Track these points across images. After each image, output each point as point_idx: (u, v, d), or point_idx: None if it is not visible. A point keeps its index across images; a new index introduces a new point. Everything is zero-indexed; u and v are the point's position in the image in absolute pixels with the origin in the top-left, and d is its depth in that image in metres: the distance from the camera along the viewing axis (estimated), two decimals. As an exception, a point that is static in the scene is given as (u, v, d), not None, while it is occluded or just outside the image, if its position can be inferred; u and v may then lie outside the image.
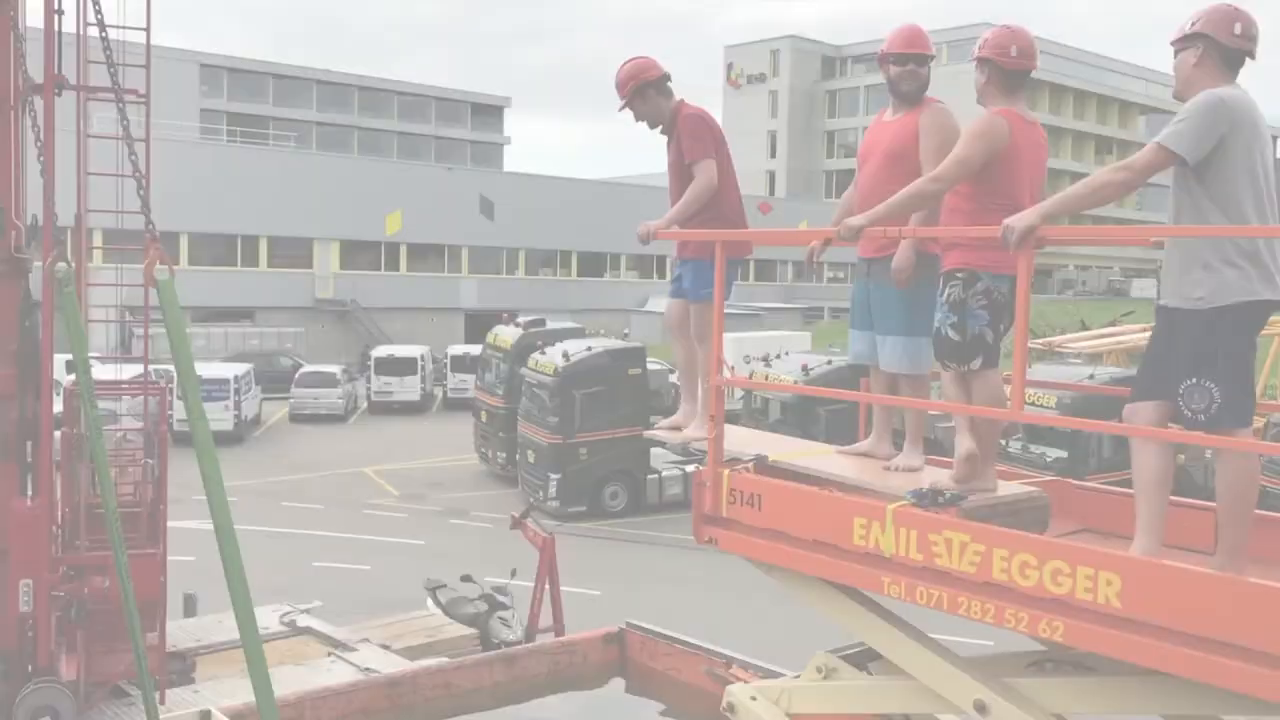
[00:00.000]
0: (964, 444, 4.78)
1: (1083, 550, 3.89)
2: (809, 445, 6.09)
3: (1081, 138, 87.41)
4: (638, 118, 5.87)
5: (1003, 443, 21.29)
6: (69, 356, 13.50)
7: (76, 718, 8.92)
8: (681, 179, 5.74)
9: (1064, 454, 20.62)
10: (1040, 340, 27.07)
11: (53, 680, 8.86)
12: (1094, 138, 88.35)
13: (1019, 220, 4.00)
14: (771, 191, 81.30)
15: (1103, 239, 15.02)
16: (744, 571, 5.23)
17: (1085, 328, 39.22)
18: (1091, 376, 20.60)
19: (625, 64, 5.89)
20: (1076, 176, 77.02)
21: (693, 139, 5.69)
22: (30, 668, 8.95)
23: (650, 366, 27.66)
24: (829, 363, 23.06)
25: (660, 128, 5.89)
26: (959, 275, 4.71)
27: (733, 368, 21.70)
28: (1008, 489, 4.69)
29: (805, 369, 22.79)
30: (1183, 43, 4.06)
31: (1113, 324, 38.37)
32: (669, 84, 5.87)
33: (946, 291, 4.73)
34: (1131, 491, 4.16)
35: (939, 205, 4.84)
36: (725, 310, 5.12)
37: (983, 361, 4.70)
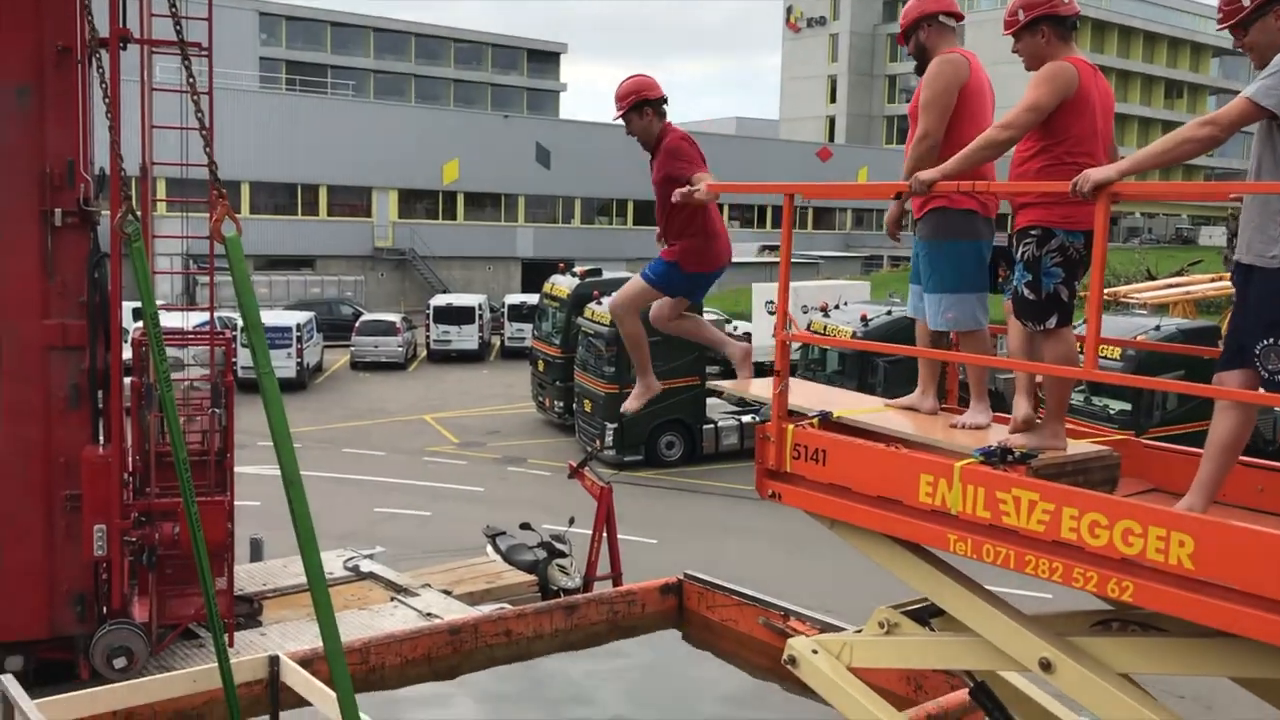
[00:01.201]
0: (1021, 408, 4.73)
1: (1155, 511, 3.82)
2: (868, 400, 6.03)
3: (1151, 81, 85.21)
4: (629, 131, 6.19)
5: (1065, 395, 21.11)
6: (136, 304, 13.72)
7: (148, 658, 9.19)
8: (663, 198, 6.00)
9: (1127, 407, 20.29)
10: (1105, 291, 26.59)
11: (126, 622, 9.14)
12: (1163, 81, 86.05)
13: (1096, 174, 3.91)
14: (830, 138, 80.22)
15: (1179, 194, 14.59)
16: (799, 525, 5.22)
17: (1151, 277, 38.47)
18: (1158, 328, 20.21)
19: (629, 79, 6.23)
20: (1145, 121, 75.32)
21: (683, 161, 5.98)
22: (105, 610, 9.23)
23: (707, 316, 27.58)
24: (888, 313, 22.80)
25: (647, 146, 6.22)
26: (1033, 233, 4.62)
27: (793, 320, 21.50)
28: (1077, 448, 4.62)
29: (864, 319, 22.58)
30: None
31: (1180, 273, 37.59)
32: (665, 108, 6.22)
33: (1021, 250, 4.66)
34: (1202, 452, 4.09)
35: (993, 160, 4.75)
36: (779, 261, 5.09)
37: (1058, 319, 4.62)
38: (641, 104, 6.13)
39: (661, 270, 6.25)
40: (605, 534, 12.90)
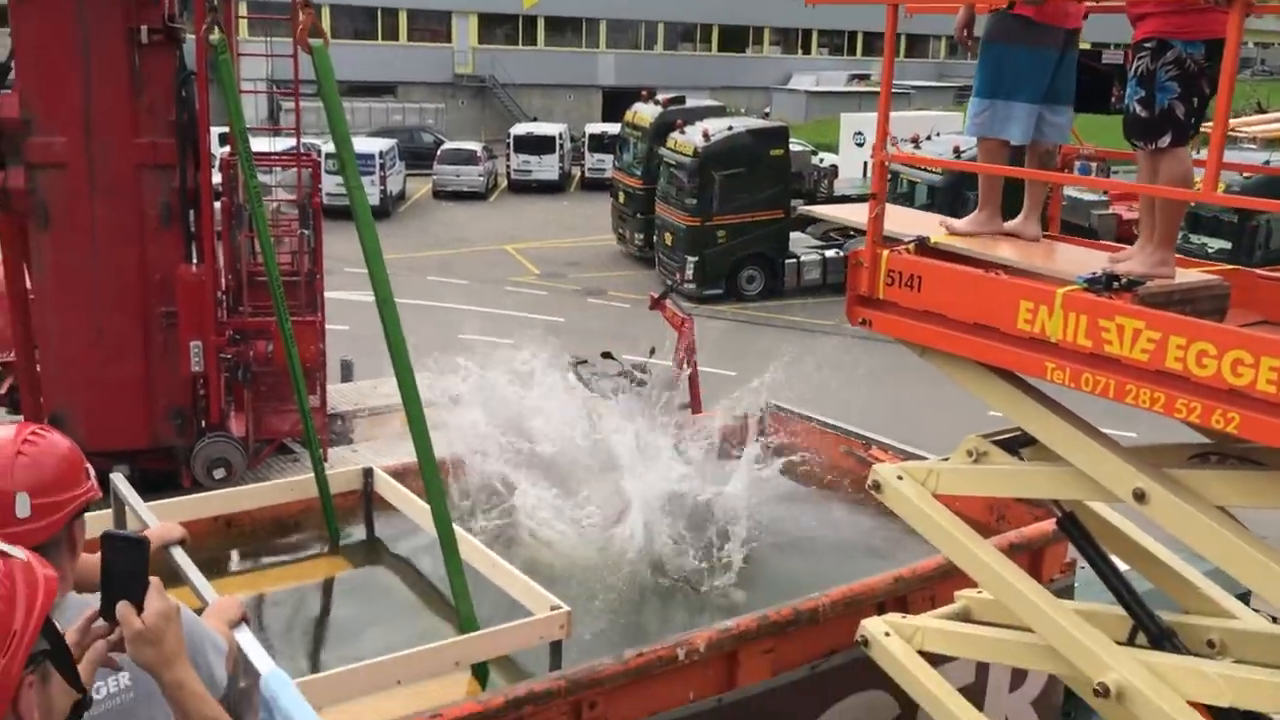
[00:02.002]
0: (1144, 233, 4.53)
1: (1269, 341, 3.67)
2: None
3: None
4: None
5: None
6: (223, 130, 13.77)
7: (246, 469, 9.56)
8: None
9: (1227, 245, 19.61)
10: (1207, 125, 25.36)
11: (225, 435, 9.48)
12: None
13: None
14: (926, -39, 76.38)
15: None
16: (881, 360, 5.15)
17: (1262, 110, 36.60)
18: (1267, 162, 19.31)
19: None
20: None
21: None
22: (203, 424, 9.57)
23: (793, 147, 26.97)
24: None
25: None
26: (1147, 45, 4.30)
27: (896, 143, 20.85)
28: (1186, 276, 4.44)
29: (957, 151, 21.89)
30: None
31: (1293, 107, 35.69)
32: None
33: (1135, 65, 4.36)
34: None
35: None
36: (869, 90, 4.91)
37: (1172, 138, 4.31)
38: None
39: None
40: (685, 364, 12.96)
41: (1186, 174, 4.39)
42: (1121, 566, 4.91)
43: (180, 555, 3.09)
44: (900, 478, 4.97)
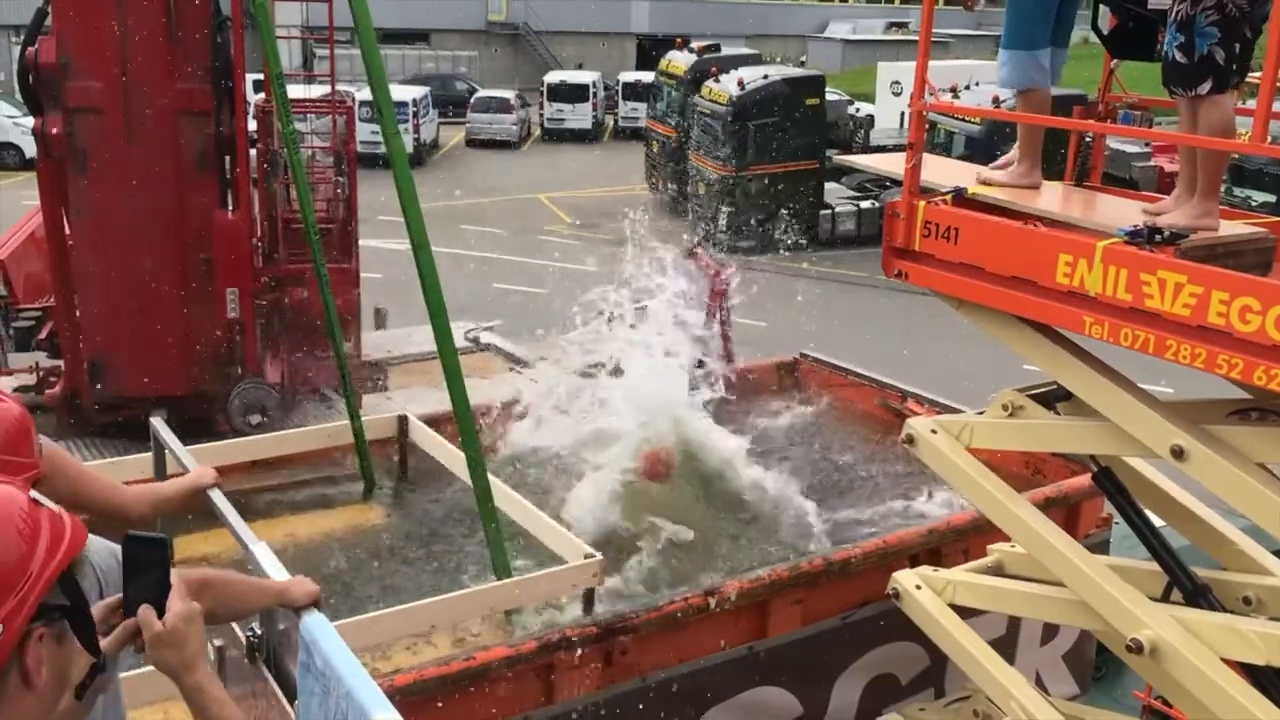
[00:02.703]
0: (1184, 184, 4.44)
1: (1315, 296, 3.61)
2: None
3: None
4: None
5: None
6: (258, 76, 13.71)
7: (282, 415, 9.64)
8: None
9: (1271, 198, 19.26)
10: (1255, 75, 24.83)
11: (261, 381, 9.55)
12: None
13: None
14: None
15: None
16: (916, 313, 5.12)
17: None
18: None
19: None
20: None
21: None
22: (240, 370, 9.65)
23: (829, 97, 26.66)
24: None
25: None
26: None
27: (935, 92, 20.55)
28: (1230, 228, 4.36)
29: (996, 101, 21.52)
30: None
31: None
32: None
33: (1175, 9, 4.25)
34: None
35: None
36: (907, 38, 4.85)
37: (1212, 85, 4.18)
38: None
39: None
40: (720, 314, 12.91)
41: (1228, 123, 4.27)
42: (1157, 522, 4.88)
43: (219, 497, 3.13)
44: (934, 431, 4.94)
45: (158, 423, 3.67)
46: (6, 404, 2.50)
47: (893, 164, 5.37)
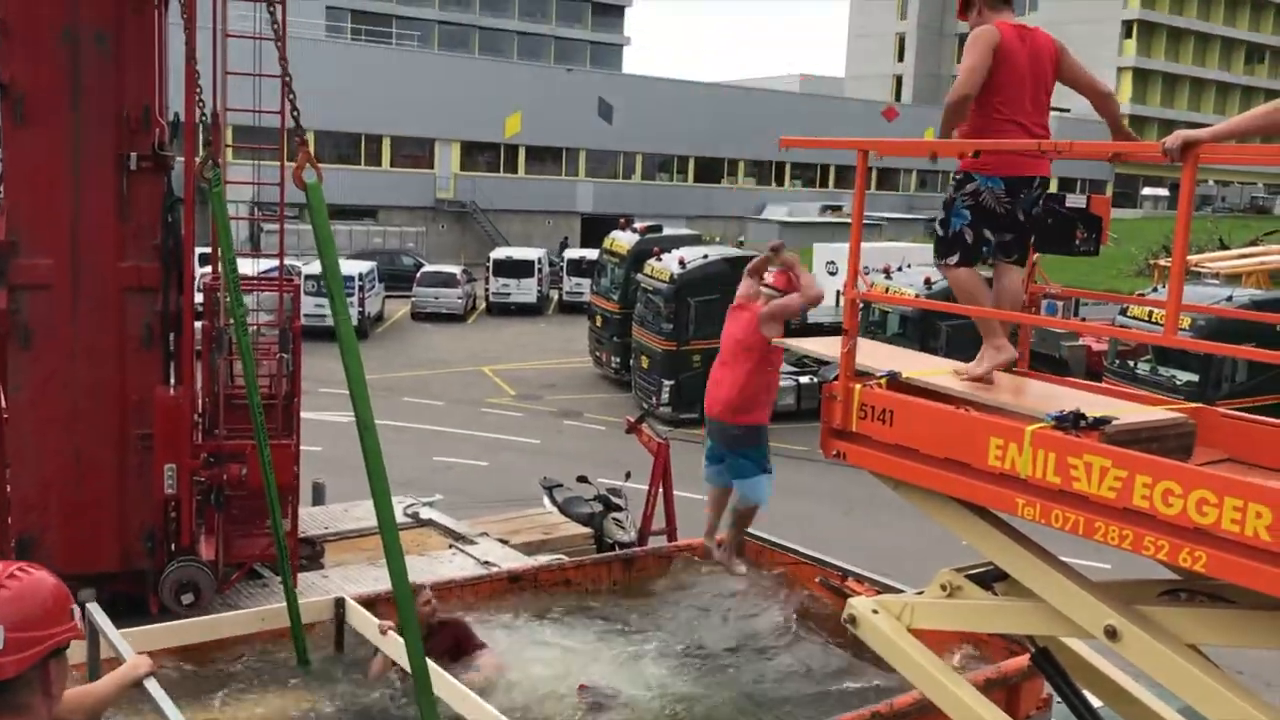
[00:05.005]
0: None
1: (1232, 481, 3.77)
2: (935, 362, 5.98)
3: (1231, 45, 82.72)
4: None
5: (1130, 364, 20.78)
6: (204, 250, 13.87)
7: (214, 594, 9.41)
8: None
9: (1194, 378, 19.94)
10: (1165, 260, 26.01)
11: (194, 559, 9.35)
12: (1244, 45, 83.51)
13: (1187, 134, 3.85)
14: (898, 97, 78.94)
15: (1269, 158, 14.09)
16: (855, 488, 5.23)
17: (1225, 246, 37.56)
18: (1229, 299, 19.78)
19: None
20: (1224, 87, 73.20)
21: None
22: (174, 547, 9.45)
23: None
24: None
25: None
26: (956, 178, 5.03)
27: (871, 282, 21.38)
28: (1152, 414, 4.55)
29: (928, 282, 22.33)
30: None
31: (1254, 243, 36.68)
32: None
33: (949, 193, 5.07)
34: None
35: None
36: (841, 220, 5.19)
37: (958, 259, 5.01)
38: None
39: None
40: (661, 489, 12.95)
41: (971, 288, 5.04)
42: (1096, 703, 4.91)
43: (154, 687, 3.08)
44: (875, 611, 4.98)
45: (94, 608, 3.61)
46: (37, 576, 2.62)
47: (829, 348, 5.56)
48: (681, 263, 24.93)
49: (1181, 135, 3.85)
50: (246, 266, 12.36)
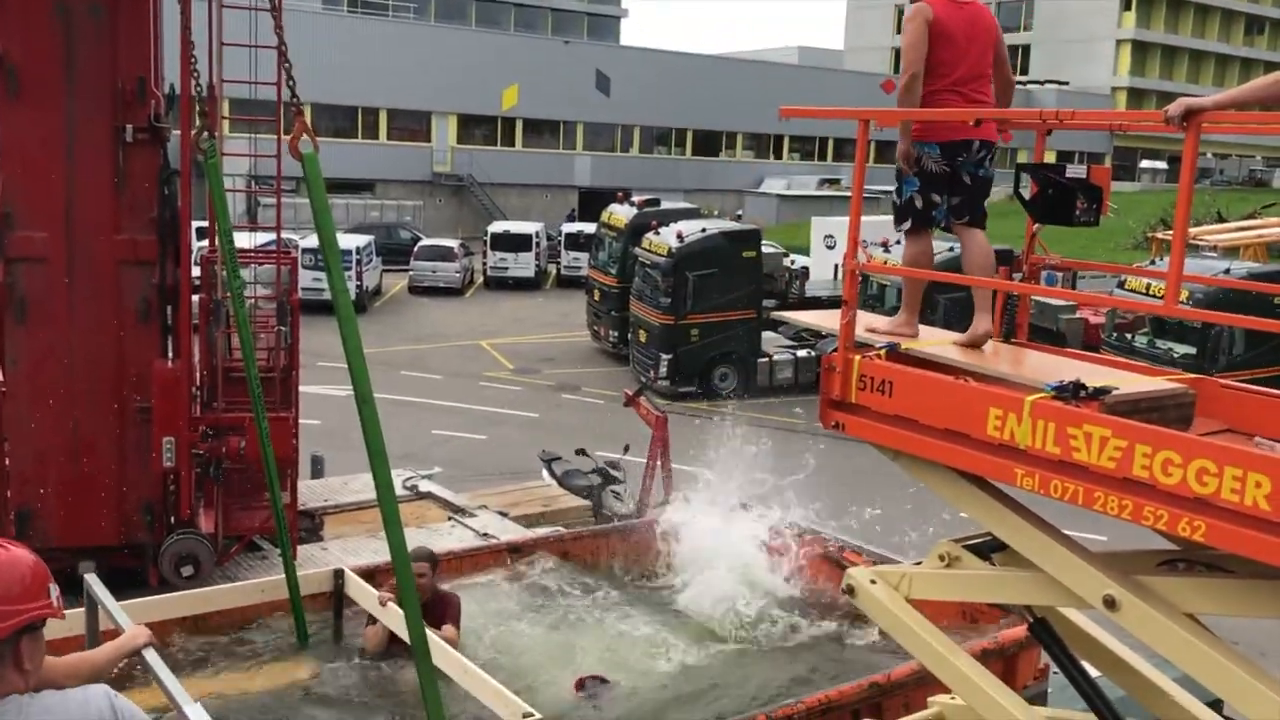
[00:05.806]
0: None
1: (1231, 450, 3.76)
2: (934, 333, 5.97)
3: (1230, 15, 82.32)
4: None
5: (1128, 337, 20.77)
6: (201, 223, 13.88)
7: (214, 567, 9.43)
8: None
9: (1192, 351, 19.95)
10: (1166, 233, 26.00)
11: (193, 532, 9.37)
12: (1244, 15, 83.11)
13: (1190, 101, 3.83)
14: (896, 70, 78.44)
15: (1270, 128, 14.03)
16: (853, 461, 5.23)
17: (1222, 219, 37.51)
18: (1228, 271, 19.76)
19: None
20: (1223, 58, 72.83)
21: None
22: (173, 520, 9.47)
23: (765, 249, 27.35)
24: (950, 249, 22.48)
25: None
26: None
27: (869, 255, 21.22)
28: (1152, 384, 4.55)
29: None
30: None
31: (1252, 216, 36.61)
32: None
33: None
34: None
35: None
36: (839, 194, 5.22)
37: (912, 224, 5.28)
38: None
39: None
40: (660, 462, 12.99)
41: (923, 254, 5.37)
42: (1093, 673, 4.92)
43: (153, 657, 3.08)
44: (874, 582, 4.99)
45: (92, 579, 3.60)
46: (14, 554, 2.60)
47: (827, 319, 5.55)
48: (679, 236, 24.87)
49: (1184, 103, 3.84)
50: (244, 239, 12.33)
